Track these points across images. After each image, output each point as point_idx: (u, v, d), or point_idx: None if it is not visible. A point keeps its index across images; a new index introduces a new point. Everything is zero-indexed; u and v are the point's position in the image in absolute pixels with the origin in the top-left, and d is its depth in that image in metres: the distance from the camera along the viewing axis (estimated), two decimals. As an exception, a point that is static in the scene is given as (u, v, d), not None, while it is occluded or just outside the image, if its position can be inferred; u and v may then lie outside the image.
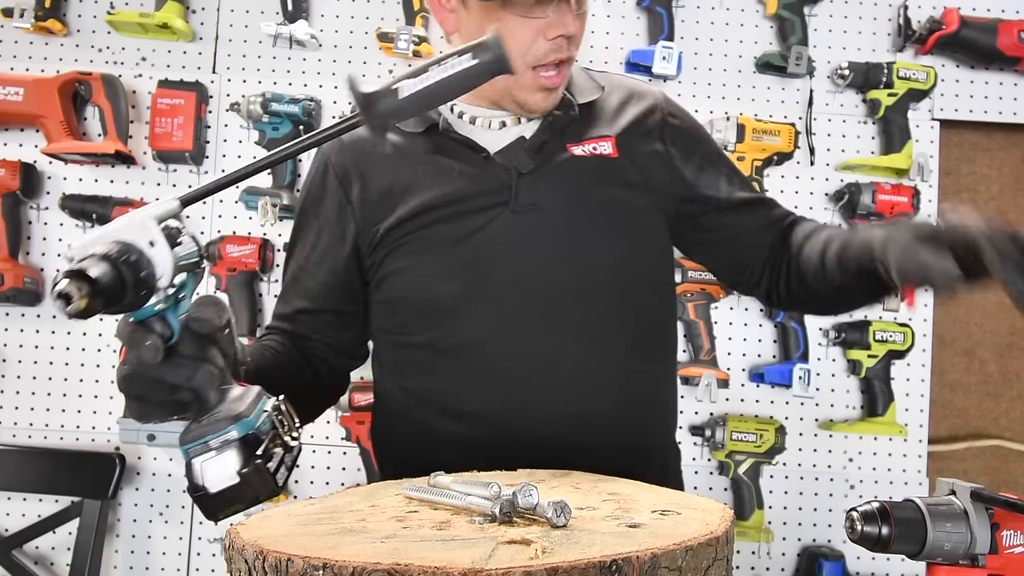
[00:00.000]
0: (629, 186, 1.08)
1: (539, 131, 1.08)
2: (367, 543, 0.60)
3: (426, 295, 1.06)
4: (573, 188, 1.06)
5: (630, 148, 1.10)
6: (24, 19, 1.94)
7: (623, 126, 1.11)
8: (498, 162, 1.05)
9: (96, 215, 1.92)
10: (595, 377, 1.04)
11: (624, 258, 1.07)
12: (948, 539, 0.72)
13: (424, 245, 1.05)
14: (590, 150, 1.08)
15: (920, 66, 2.00)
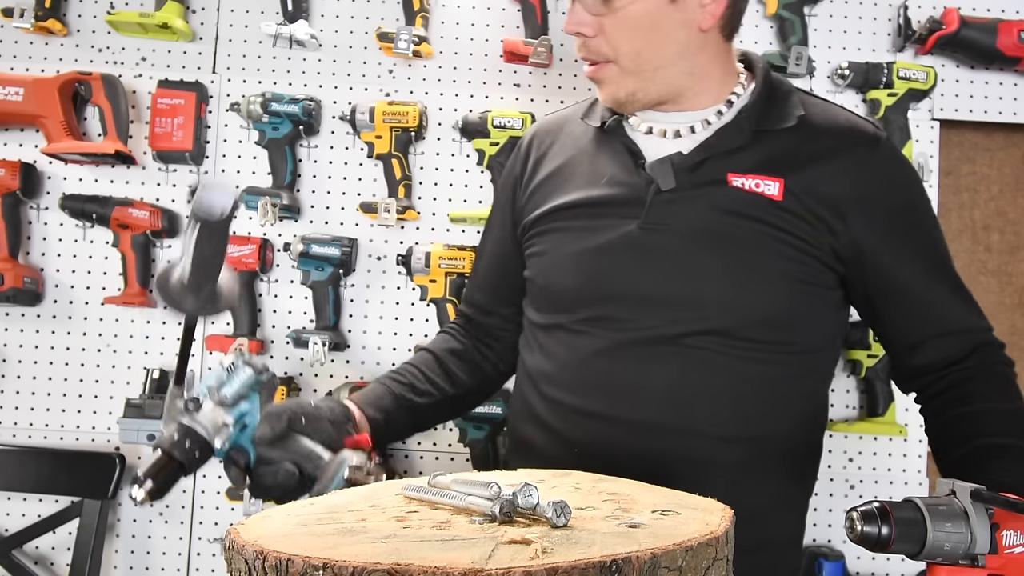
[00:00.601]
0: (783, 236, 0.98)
1: (697, 149, 1.02)
2: (367, 543, 0.60)
3: (547, 282, 1.09)
4: (712, 218, 0.98)
5: (804, 196, 0.98)
6: (24, 19, 1.94)
7: (806, 169, 0.99)
8: (646, 173, 1.02)
9: (96, 215, 1.92)
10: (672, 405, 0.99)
11: (738, 305, 0.98)
12: (948, 539, 0.72)
13: (559, 238, 1.06)
14: (752, 185, 0.99)
15: (920, 66, 2.00)
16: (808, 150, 1.01)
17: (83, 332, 1.99)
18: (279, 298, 2.00)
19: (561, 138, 1.13)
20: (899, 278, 1.02)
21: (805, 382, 1.06)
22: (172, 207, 1.99)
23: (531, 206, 1.12)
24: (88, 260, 1.99)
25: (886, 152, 1.03)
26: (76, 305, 1.99)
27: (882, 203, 1.01)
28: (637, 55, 0.99)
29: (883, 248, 1.01)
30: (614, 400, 1.00)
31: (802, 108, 1.03)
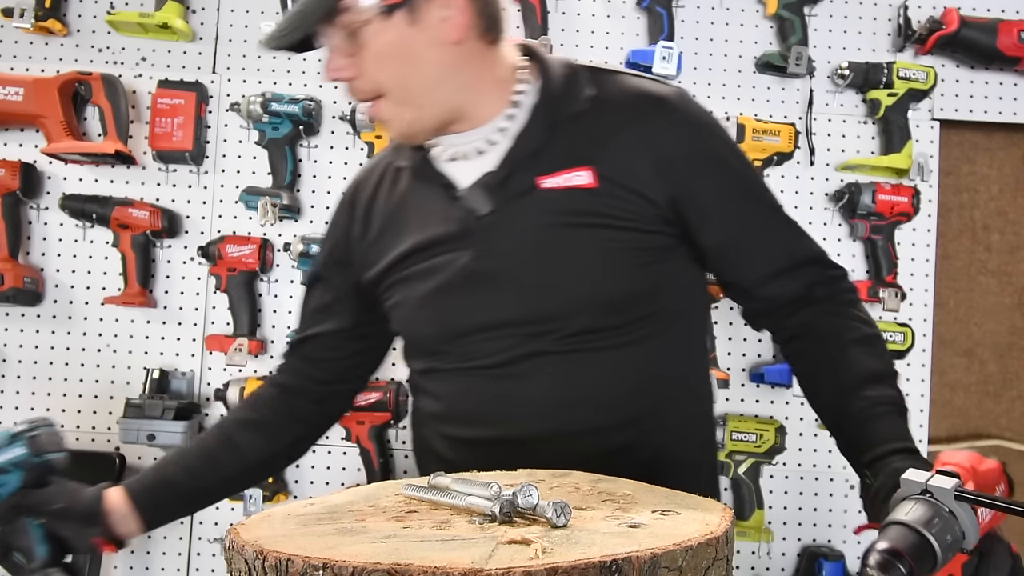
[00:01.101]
0: (608, 221, 0.97)
1: (501, 164, 0.99)
2: (367, 543, 0.60)
3: (407, 332, 1.11)
4: (536, 229, 0.97)
5: (616, 175, 0.97)
6: (24, 19, 1.94)
7: (610, 147, 0.98)
8: (463, 203, 1.00)
9: (96, 215, 1.92)
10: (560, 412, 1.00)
11: (587, 302, 0.97)
12: (949, 548, 0.72)
13: (404, 288, 1.06)
14: (562, 182, 0.97)
15: (920, 66, 2.00)
16: (606, 128, 0.99)
17: (83, 332, 1.99)
18: (279, 298, 2.00)
19: (381, 187, 1.11)
20: (723, 223, 1.01)
21: (679, 345, 1.06)
22: (172, 207, 1.99)
23: (371, 263, 1.10)
24: (88, 260, 1.99)
25: (677, 109, 1.01)
26: (76, 305, 1.99)
27: (685, 159, 1.00)
28: (401, 85, 0.97)
29: (700, 199, 1.00)
30: (503, 424, 1.01)
31: (593, 87, 1.01)
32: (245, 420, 1.18)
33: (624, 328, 0.99)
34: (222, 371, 1.98)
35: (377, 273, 1.09)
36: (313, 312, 1.19)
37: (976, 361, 2.13)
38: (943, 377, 2.11)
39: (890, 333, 1.96)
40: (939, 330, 2.09)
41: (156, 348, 1.99)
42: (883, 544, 0.70)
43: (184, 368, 1.98)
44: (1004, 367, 2.13)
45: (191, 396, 1.97)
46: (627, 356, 1.00)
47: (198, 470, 1.14)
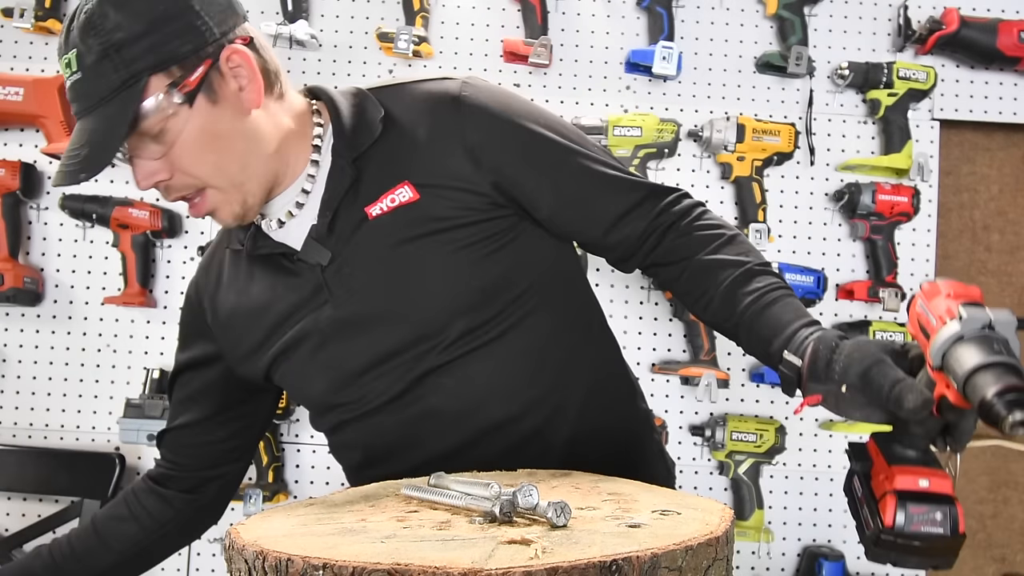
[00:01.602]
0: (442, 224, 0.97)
1: (321, 212, 0.98)
2: (367, 543, 0.60)
3: (303, 400, 1.10)
4: (379, 257, 0.97)
5: (433, 180, 0.97)
6: (24, 19, 1.94)
7: (418, 157, 0.98)
8: (305, 261, 0.99)
9: (96, 215, 1.92)
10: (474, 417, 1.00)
11: (454, 308, 0.97)
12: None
13: (283, 362, 1.04)
14: (387, 204, 0.97)
15: (920, 66, 2.00)
16: (408, 141, 0.99)
17: (83, 332, 1.99)
18: (279, 298, 2.00)
19: (222, 276, 1.09)
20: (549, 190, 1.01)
21: (560, 316, 1.06)
22: (172, 207, 1.99)
23: (238, 351, 1.08)
24: (88, 260, 1.99)
25: (466, 98, 1.00)
26: (76, 305, 1.99)
27: (490, 142, 0.99)
28: (220, 171, 0.94)
29: (518, 175, 0.99)
30: (420, 448, 1.01)
31: (381, 108, 1.00)
32: (115, 515, 1.17)
33: (498, 318, 0.99)
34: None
35: (249, 358, 1.07)
36: (178, 403, 1.17)
37: (976, 361, 2.13)
38: (943, 377, 2.10)
39: (890, 333, 1.96)
40: (939, 330, 2.09)
41: (156, 348, 1.99)
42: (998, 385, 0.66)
43: (184, 368, 1.98)
44: (1004, 367, 2.13)
45: (191, 396, 1.97)
46: (513, 341, 1.00)
47: (64, 566, 1.13)
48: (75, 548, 1.15)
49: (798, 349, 0.84)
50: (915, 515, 0.74)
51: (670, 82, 2.05)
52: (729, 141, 1.97)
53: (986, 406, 0.66)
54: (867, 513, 0.77)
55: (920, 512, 0.74)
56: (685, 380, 1.96)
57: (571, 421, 1.03)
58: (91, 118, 0.93)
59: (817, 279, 1.96)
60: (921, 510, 0.74)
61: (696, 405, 2.02)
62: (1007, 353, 0.69)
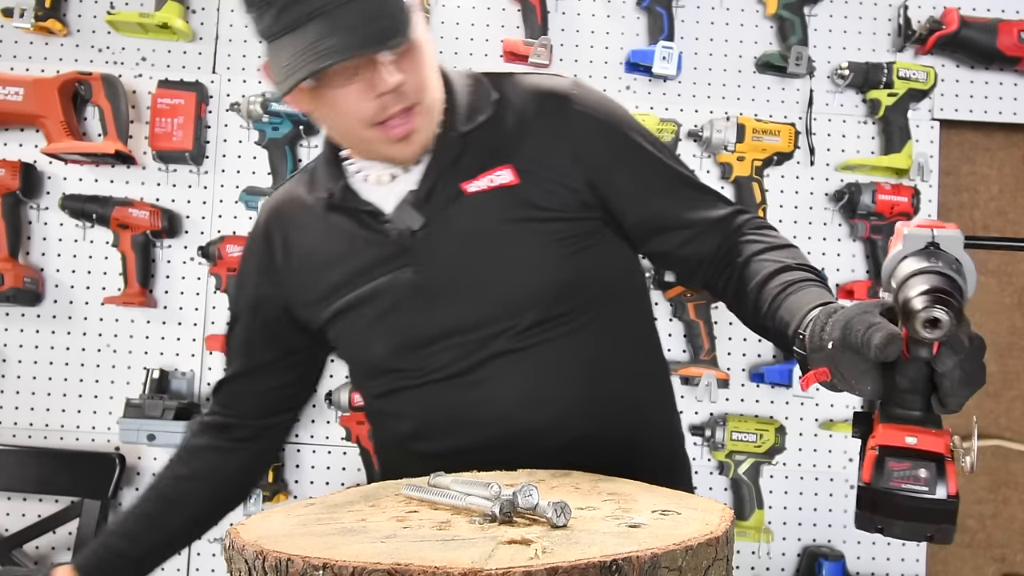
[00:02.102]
0: (536, 213, 1.00)
1: (424, 179, 1.01)
2: (367, 543, 0.60)
3: (359, 359, 1.11)
4: (470, 232, 1.00)
5: (534, 168, 1.01)
6: (24, 19, 1.94)
7: (523, 144, 1.02)
8: (394, 224, 1.01)
9: (96, 215, 1.92)
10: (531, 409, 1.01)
11: (531, 297, 0.99)
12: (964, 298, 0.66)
13: (346, 317, 1.05)
14: (486, 183, 1.00)
15: (920, 66, 2.00)
16: (516, 127, 1.02)
17: (83, 332, 1.99)
18: (279, 298, 2.00)
19: (300, 217, 1.10)
20: (639, 199, 1.04)
21: (623, 327, 1.08)
22: (172, 207, 1.99)
23: (306, 295, 1.09)
24: (88, 260, 1.99)
25: (577, 98, 1.04)
26: (76, 305, 1.99)
27: (593, 143, 1.03)
28: (431, 88, 0.98)
29: (613, 180, 1.03)
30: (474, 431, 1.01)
31: (495, 91, 1.04)
32: (178, 476, 1.17)
33: (568, 316, 1.01)
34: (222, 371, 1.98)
35: (312, 306, 1.08)
36: (236, 349, 1.18)
37: (976, 361, 2.13)
38: (943, 377, 2.10)
39: (890, 333, 1.96)
40: (939, 330, 2.09)
41: (156, 348, 1.99)
42: (922, 286, 0.63)
43: (184, 368, 1.98)
44: (1004, 367, 2.13)
45: (191, 396, 1.97)
46: (580, 342, 1.02)
47: (140, 535, 1.14)
48: (152, 517, 1.14)
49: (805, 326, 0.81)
50: (895, 471, 0.68)
51: (670, 82, 2.05)
52: (729, 141, 1.97)
53: (906, 305, 0.63)
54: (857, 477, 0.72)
55: (901, 468, 0.68)
56: (685, 380, 1.96)
57: (617, 434, 1.03)
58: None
59: (817, 279, 1.96)
60: (903, 466, 0.68)
61: (696, 405, 2.02)
62: (945, 263, 0.66)
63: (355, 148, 1.04)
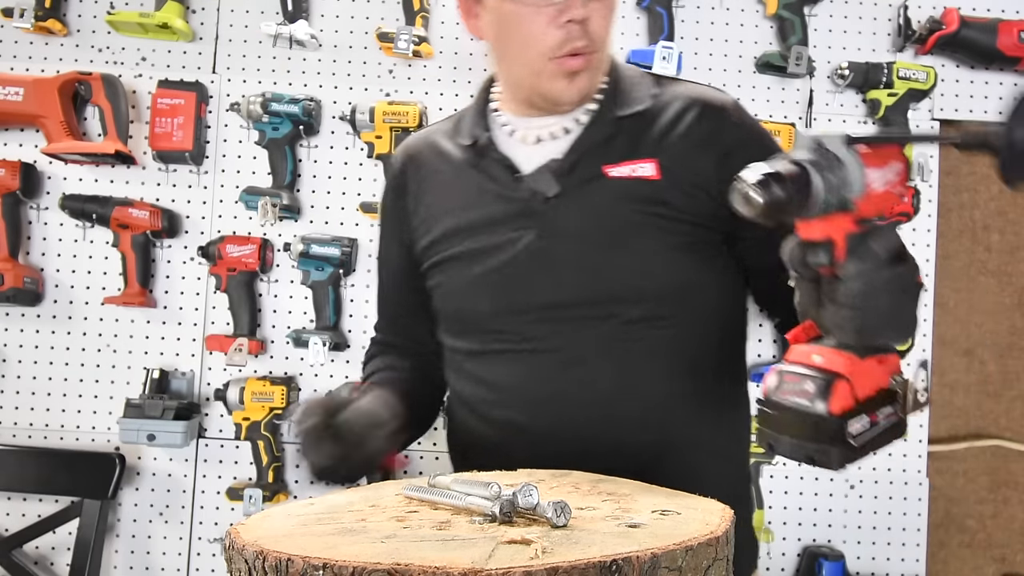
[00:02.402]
0: (669, 212, 1.01)
1: (570, 151, 1.03)
2: (367, 543, 0.60)
3: (458, 310, 1.10)
4: (602, 214, 1.01)
5: (678, 169, 1.02)
6: (24, 19, 1.94)
7: (673, 143, 1.03)
8: (528, 184, 1.03)
9: (96, 215, 1.92)
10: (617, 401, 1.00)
11: (646, 290, 1.01)
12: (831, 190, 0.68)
13: (459, 264, 1.06)
14: (628, 172, 1.01)
15: (920, 66, 2.00)
16: (670, 126, 1.04)
17: (83, 332, 1.99)
18: (279, 298, 2.00)
19: (434, 160, 1.13)
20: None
21: (723, 346, 1.10)
22: (172, 207, 1.99)
23: (423, 236, 1.12)
24: (88, 260, 1.99)
25: (735, 112, 1.07)
26: (76, 305, 1.99)
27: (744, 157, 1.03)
28: (607, 42, 1.02)
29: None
30: (560, 415, 1.01)
31: (656, 88, 1.07)
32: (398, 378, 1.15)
33: (672, 319, 1.01)
34: (222, 371, 1.98)
35: (427, 246, 1.10)
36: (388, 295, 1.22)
37: (976, 361, 2.13)
38: (943, 377, 2.11)
39: (890, 333, 1.96)
40: (939, 330, 2.09)
41: (156, 348, 1.99)
42: (763, 167, 0.67)
43: (184, 368, 1.98)
44: (1004, 367, 2.13)
45: (191, 396, 1.97)
46: (674, 349, 1.02)
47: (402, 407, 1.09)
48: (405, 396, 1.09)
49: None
50: (786, 383, 0.70)
51: (670, 82, 2.04)
52: (729, 141, 1.97)
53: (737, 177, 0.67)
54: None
55: (792, 381, 0.69)
56: (685, 380, 1.95)
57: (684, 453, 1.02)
58: None
59: (817, 279, 1.96)
60: (794, 379, 0.69)
61: (696, 405, 2.02)
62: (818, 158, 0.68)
63: (521, 81, 1.05)
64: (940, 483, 2.09)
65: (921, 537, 2.02)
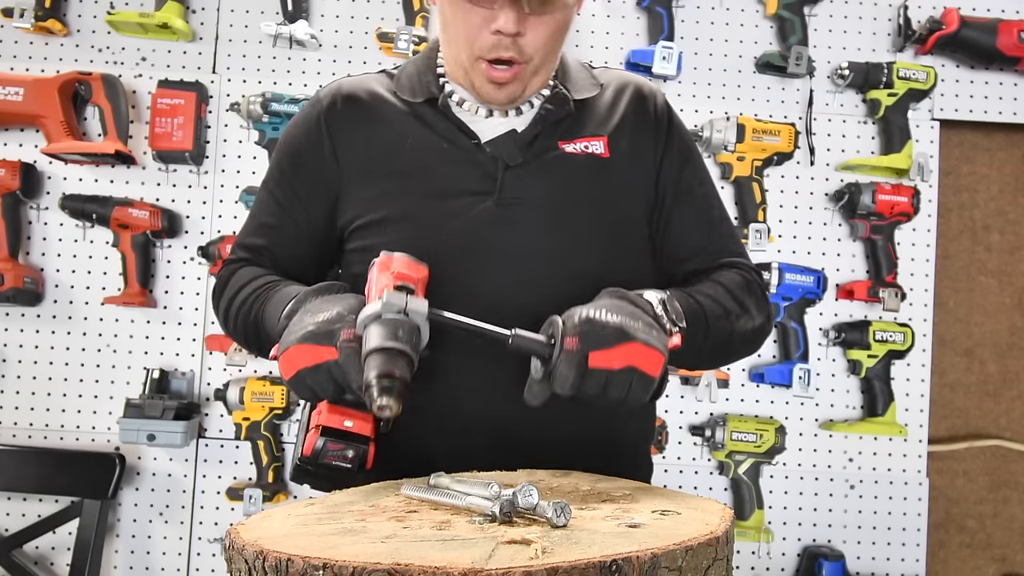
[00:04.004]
0: (617, 187, 1.07)
1: (531, 125, 1.06)
2: (367, 543, 0.60)
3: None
4: (559, 185, 1.05)
5: (622, 147, 1.09)
6: (24, 19, 1.94)
7: (616, 123, 1.10)
8: (487, 152, 1.04)
9: (96, 215, 1.92)
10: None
11: (602, 259, 1.04)
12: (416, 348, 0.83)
13: (401, 225, 1.03)
14: (582, 148, 1.07)
15: (920, 66, 2.00)
16: (612, 108, 1.11)
17: (83, 332, 1.99)
18: (279, 298, 2.00)
19: (374, 107, 1.09)
20: (682, 205, 1.12)
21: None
22: (172, 207, 1.99)
23: (354, 188, 1.06)
24: (88, 260, 1.99)
25: (661, 97, 1.15)
26: (76, 305, 1.99)
27: (672, 141, 1.12)
28: (548, 55, 1.04)
29: (674, 179, 1.11)
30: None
31: (596, 77, 1.14)
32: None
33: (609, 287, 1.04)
34: (222, 371, 1.98)
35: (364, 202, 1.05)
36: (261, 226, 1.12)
37: (976, 361, 2.13)
38: (943, 377, 2.11)
39: (890, 333, 1.97)
40: (939, 330, 2.09)
41: (156, 348, 1.99)
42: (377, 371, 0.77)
43: (184, 368, 1.98)
44: (1004, 367, 2.13)
45: (191, 396, 1.97)
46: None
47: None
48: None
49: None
50: (331, 450, 0.87)
51: (670, 82, 2.04)
52: (729, 141, 1.97)
53: (366, 387, 0.77)
54: (301, 439, 0.90)
55: (337, 448, 0.87)
56: (685, 380, 1.96)
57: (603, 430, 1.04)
58: None
59: (817, 279, 1.97)
60: (338, 447, 0.87)
61: (696, 405, 2.02)
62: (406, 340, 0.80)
63: (456, 69, 1.06)
64: (940, 483, 2.09)
65: (921, 537, 2.02)
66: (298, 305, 0.94)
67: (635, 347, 0.84)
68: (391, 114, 1.09)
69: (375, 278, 0.88)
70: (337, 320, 0.86)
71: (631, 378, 0.84)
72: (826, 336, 2.02)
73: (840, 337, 1.99)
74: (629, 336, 0.84)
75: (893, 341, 1.96)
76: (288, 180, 1.11)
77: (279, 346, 0.89)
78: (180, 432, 1.86)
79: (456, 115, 1.07)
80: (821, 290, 1.97)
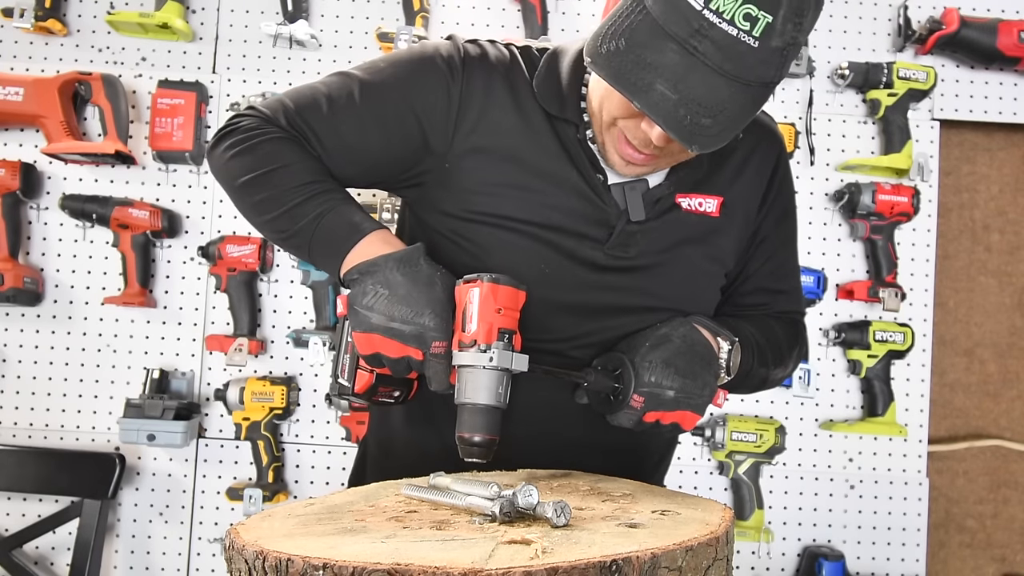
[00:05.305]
0: (719, 247, 1.04)
1: (664, 183, 1.00)
2: (367, 543, 0.60)
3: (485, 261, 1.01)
4: (668, 246, 1.01)
5: (734, 208, 1.04)
6: (24, 19, 1.94)
7: (736, 182, 1.05)
8: (612, 196, 0.99)
9: (96, 215, 1.92)
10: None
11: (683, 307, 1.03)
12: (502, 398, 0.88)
13: (501, 239, 0.98)
14: (696, 205, 1.02)
15: (920, 66, 2.00)
16: (741, 166, 1.05)
17: (83, 332, 1.99)
18: (279, 298, 2.00)
19: (508, 99, 0.99)
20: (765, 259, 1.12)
21: None
22: (172, 207, 1.99)
23: (464, 168, 0.99)
24: (88, 260, 1.99)
25: (784, 149, 1.11)
26: (76, 305, 1.99)
27: (780, 200, 1.11)
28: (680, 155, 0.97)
29: (767, 236, 1.11)
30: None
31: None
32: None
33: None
34: (222, 371, 1.98)
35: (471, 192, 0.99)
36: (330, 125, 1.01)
37: (976, 361, 2.13)
38: (943, 377, 2.11)
39: (890, 333, 1.96)
40: (939, 330, 2.09)
41: (156, 348, 1.99)
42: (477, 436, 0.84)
43: (184, 368, 1.98)
44: (1004, 367, 2.13)
45: (191, 396, 1.97)
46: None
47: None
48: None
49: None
50: (382, 392, 0.95)
51: (670, 82, 2.04)
52: (729, 141, 1.97)
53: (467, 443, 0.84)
54: (344, 362, 0.94)
55: (387, 390, 0.96)
56: (685, 380, 1.95)
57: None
58: (735, 87, 0.83)
59: (817, 279, 1.97)
60: (388, 389, 0.96)
61: (696, 405, 2.02)
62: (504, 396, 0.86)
63: (595, 113, 0.97)
64: (940, 483, 2.09)
65: (921, 537, 2.02)
66: (375, 269, 0.88)
67: (686, 415, 0.96)
68: (526, 111, 0.99)
69: (478, 304, 0.86)
70: (431, 328, 0.87)
71: (671, 429, 0.96)
72: (826, 336, 2.02)
73: (840, 337, 1.99)
74: (684, 406, 0.95)
75: (893, 341, 1.96)
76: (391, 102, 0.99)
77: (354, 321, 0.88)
78: (180, 432, 1.86)
79: (590, 146, 0.99)
80: (821, 290, 1.97)
